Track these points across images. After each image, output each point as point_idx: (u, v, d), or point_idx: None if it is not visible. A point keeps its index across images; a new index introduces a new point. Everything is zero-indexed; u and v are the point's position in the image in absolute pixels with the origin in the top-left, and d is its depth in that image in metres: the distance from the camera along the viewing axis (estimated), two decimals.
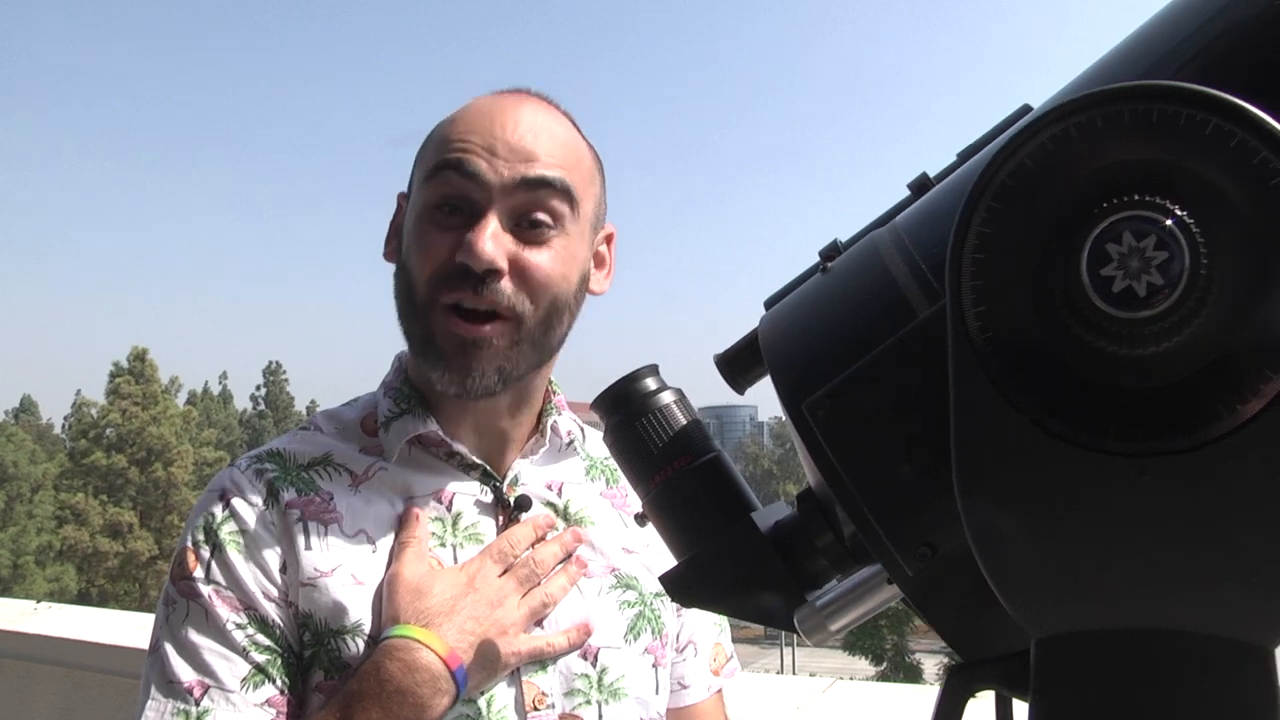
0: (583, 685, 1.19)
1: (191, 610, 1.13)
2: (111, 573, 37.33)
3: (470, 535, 1.22)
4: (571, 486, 1.31)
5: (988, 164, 0.54)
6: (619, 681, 1.22)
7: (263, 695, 1.10)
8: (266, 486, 1.18)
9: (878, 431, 0.63)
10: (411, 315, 1.19)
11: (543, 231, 1.17)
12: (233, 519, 1.16)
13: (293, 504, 1.17)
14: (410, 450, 1.24)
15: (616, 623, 1.24)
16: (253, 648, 1.11)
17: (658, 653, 1.27)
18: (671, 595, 0.77)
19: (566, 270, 1.19)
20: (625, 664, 1.23)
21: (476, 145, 1.16)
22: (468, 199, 1.15)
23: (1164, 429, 0.52)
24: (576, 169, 1.20)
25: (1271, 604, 0.52)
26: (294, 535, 1.15)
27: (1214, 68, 0.61)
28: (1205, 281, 0.50)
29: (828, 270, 0.71)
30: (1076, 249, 0.51)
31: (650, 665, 1.26)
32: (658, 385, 0.81)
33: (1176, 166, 0.51)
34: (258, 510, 1.17)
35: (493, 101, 1.22)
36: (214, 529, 1.16)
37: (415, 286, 1.17)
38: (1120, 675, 0.54)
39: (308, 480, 1.20)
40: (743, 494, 0.77)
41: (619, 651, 1.23)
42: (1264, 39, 0.60)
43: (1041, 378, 0.53)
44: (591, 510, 1.31)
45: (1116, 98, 0.53)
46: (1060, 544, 0.54)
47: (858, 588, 0.70)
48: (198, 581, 1.14)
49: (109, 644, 3.28)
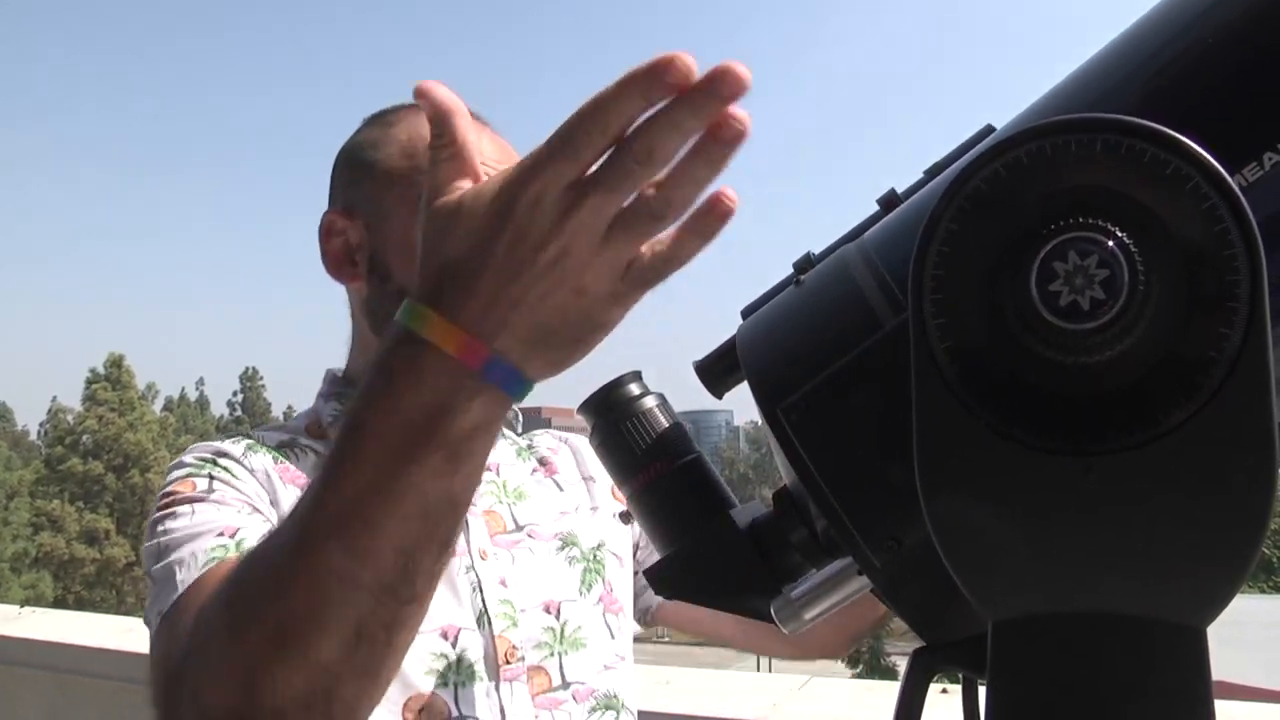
0: (548, 638, 1.25)
1: (198, 507, 1.11)
2: (88, 579, 37.02)
3: None
4: (507, 467, 1.40)
5: (947, 188, 0.59)
6: (578, 632, 1.28)
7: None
8: (245, 448, 1.21)
9: (847, 433, 0.68)
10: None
11: None
12: (225, 456, 1.19)
13: (270, 467, 1.20)
14: None
15: (570, 578, 1.32)
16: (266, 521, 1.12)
17: (607, 600, 1.35)
18: (655, 589, 0.81)
19: None
20: (582, 615, 1.30)
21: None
22: None
23: (1107, 430, 0.56)
24: None
25: (1202, 589, 0.56)
26: (275, 487, 1.18)
27: (1156, 100, 0.66)
28: (1143, 297, 0.55)
29: (801, 283, 0.76)
30: (1027, 266, 0.56)
31: (602, 614, 1.33)
32: (641, 390, 0.85)
33: (1118, 192, 0.56)
34: (246, 457, 1.19)
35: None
36: (208, 461, 1.18)
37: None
38: (1069, 655, 0.59)
39: (278, 458, 1.24)
40: (722, 493, 0.82)
41: (576, 604, 1.30)
42: (1201, 75, 0.66)
43: (995, 384, 0.58)
44: (526, 486, 1.39)
45: (1065, 128, 0.58)
46: (1014, 536, 0.58)
47: (830, 579, 0.75)
48: (200, 492, 1.13)
49: (94, 647, 3.28)
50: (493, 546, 1.29)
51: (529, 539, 1.32)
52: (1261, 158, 0.62)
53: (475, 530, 1.28)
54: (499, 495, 1.35)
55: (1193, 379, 0.55)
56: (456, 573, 1.22)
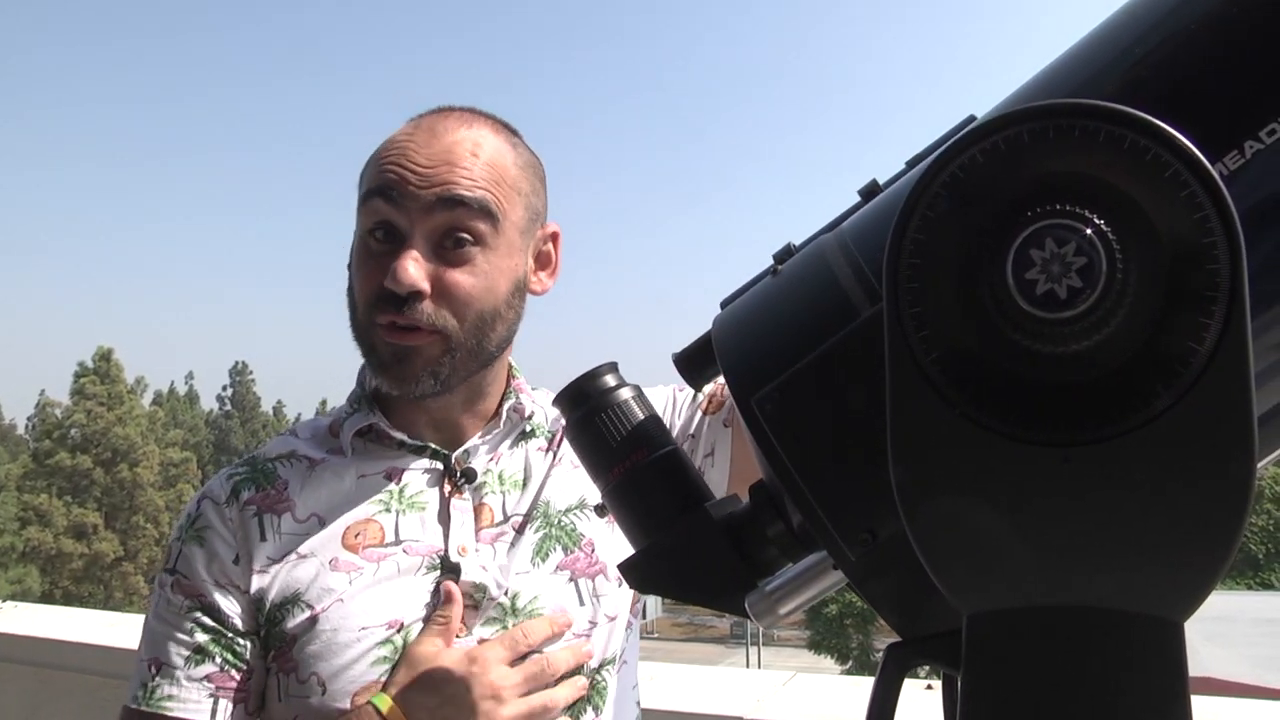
0: (495, 612, 1.29)
1: (159, 597, 1.30)
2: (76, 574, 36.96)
3: (412, 503, 1.32)
4: (505, 457, 1.41)
5: (923, 173, 0.58)
6: (532, 603, 1.31)
7: (202, 672, 1.25)
8: (232, 488, 1.32)
9: (822, 424, 0.66)
10: (356, 331, 1.30)
11: (465, 250, 1.25)
12: (201, 517, 1.31)
13: (251, 500, 1.31)
14: (365, 445, 1.36)
15: (526, 550, 1.33)
16: (197, 629, 1.26)
17: (575, 565, 1.36)
18: (629, 582, 0.80)
19: (491, 283, 1.27)
20: (536, 585, 1.32)
21: (396, 171, 1.24)
22: (393, 225, 1.24)
23: (1086, 420, 0.55)
24: (499, 183, 1.27)
25: (1180, 581, 0.55)
26: (250, 530, 1.29)
27: (1136, 88, 0.65)
28: (1121, 285, 0.54)
29: (778, 273, 0.75)
30: (1003, 254, 0.55)
31: (567, 580, 1.34)
32: (616, 382, 0.84)
33: (1096, 179, 0.55)
34: (220, 509, 1.31)
35: (414, 126, 1.30)
36: (186, 527, 1.32)
37: (357, 306, 1.28)
38: (1044, 649, 0.58)
39: (270, 471, 1.33)
40: (697, 486, 0.81)
41: (527, 575, 1.32)
42: (1182, 61, 0.65)
43: (972, 374, 0.57)
44: (532, 467, 1.41)
45: (1042, 114, 0.56)
46: (989, 527, 0.57)
47: (805, 573, 0.74)
48: (166, 572, 1.31)
49: (75, 642, 3.27)
50: (475, 543, 1.31)
51: (512, 531, 1.34)
52: (1243, 146, 0.61)
53: (458, 526, 1.31)
54: (493, 487, 1.37)
55: (1172, 369, 0.54)
56: (414, 571, 1.28)
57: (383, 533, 1.29)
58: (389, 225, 1.24)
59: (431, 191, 1.22)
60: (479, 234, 1.25)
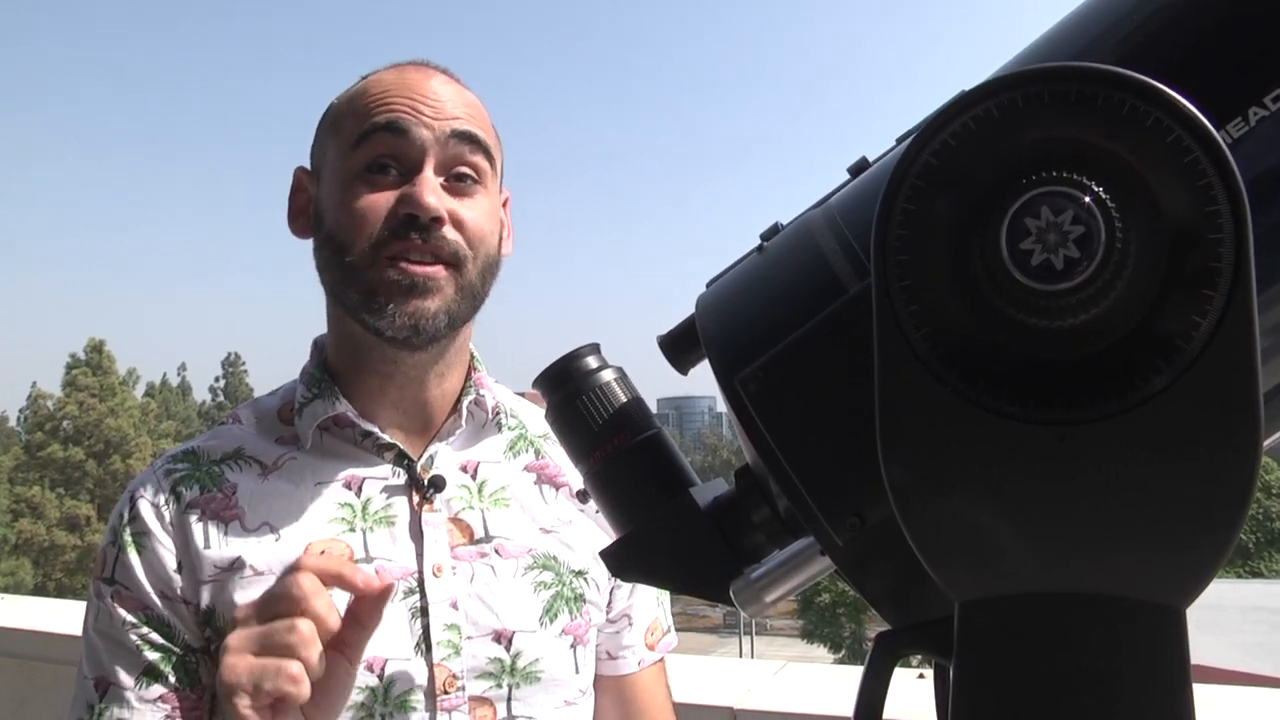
0: (494, 669, 1.20)
1: (100, 610, 1.20)
2: (69, 566, 36.91)
3: (381, 519, 1.23)
4: (489, 466, 1.32)
5: (911, 142, 0.56)
6: (533, 665, 1.22)
7: (154, 692, 1.16)
8: (171, 486, 1.22)
9: (807, 404, 0.64)
10: (347, 279, 1.19)
11: (469, 185, 1.21)
12: (136, 520, 1.21)
13: (194, 503, 1.20)
14: (323, 437, 1.26)
15: (532, 605, 1.25)
16: (146, 647, 1.17)
17: (578, 632, 1.28)
18: (610, 569, 0.77)
19: (491, 225, 1.23)
20: (541, 647, 1.23)
21: (403, 105, 1.19)
22: (401, 156, 1.19)
23: (1082, 398, 0.53)
24: (489, 130, 1.25)
25: (1180, 565, 0.53)
26: (191, 535, 1.18)
27: (1136, 53, 0.62)
28: (1120, 256, 0.51)
29: (763, 250, 0.73)
30: (996, 224, 0.52)
31: (569, 646, 1.26)
32: (599, 364, 0.81)
33: (1094, 145, 0.53)
34: (158, 510, 1.20)
35: (402, 70, 1.26)
36: (119, 529, 1.21)
37: (350, 249, 1.17)
38: (1040, 637, 0.55)
39: (216, 475, 1.23)
40: (682, 470, 0.78)
41: (534, 635, 1.23)
42: (1182, 27, 0.62)
43: (964, 350, 0.54)
44: (511, 489, 1.31)
45: (1037, 78, 0.54)
46: (982, 509, 0.55)
47: (792, 560, 0.71)
48: (103, 582, 1.21)
49: (62, 634, 3.25)
50: (451, 560, 1.22)
51: (495, 555, 1.25)
52: (1247, 113, 0.58)
53: (432, 543, 1.22)
54: (471, 500, 1.27)
55: (1173, 345, 0.52)
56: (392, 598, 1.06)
57: (350, 552, 1.19)
58: (393, 158, 1.18)
59: (446, 123, 1.19)
60: (481, 172, 1.22)
